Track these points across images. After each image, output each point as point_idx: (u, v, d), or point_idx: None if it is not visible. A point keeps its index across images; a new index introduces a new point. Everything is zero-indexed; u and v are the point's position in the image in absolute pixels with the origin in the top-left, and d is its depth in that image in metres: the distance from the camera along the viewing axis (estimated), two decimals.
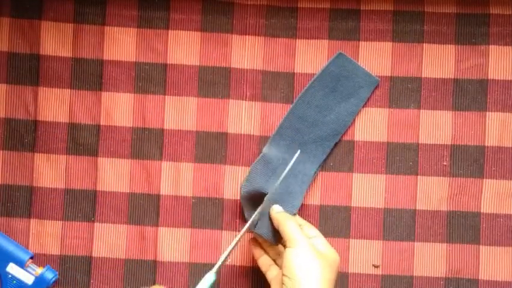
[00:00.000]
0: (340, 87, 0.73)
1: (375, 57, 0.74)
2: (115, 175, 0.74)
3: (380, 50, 0.74)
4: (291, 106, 0.73)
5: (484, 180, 0.73)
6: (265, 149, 0.72)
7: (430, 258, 0.73)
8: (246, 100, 0.74)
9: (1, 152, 0.74)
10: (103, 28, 0.74)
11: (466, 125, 0.74)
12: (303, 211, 0.73)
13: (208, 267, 0.71)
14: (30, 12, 0.74)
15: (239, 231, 0.70)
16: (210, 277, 0.65)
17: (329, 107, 0.73)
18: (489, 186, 0.73)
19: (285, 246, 0.66)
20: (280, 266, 0.67)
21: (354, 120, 0.74)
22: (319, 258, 0.63)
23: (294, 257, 0.63)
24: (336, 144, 0.73)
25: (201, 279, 0.65)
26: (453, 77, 0.74)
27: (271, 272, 0.69)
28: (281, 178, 0.69)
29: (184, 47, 0.74)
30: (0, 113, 0.74)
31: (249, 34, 0.74)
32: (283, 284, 0.63)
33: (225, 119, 0.74)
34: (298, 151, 0.70)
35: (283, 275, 0.63)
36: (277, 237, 0.68)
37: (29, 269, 0.71)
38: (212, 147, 0.74)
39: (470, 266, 0.73)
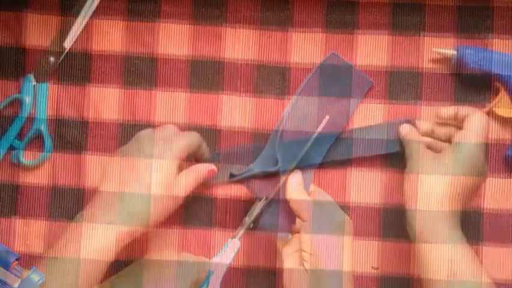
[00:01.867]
0: (333, 89, 0.72)
1: (373, 50, 0.73)
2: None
3: (378, 43, 0.73)
4: (284, 110, 0.72)
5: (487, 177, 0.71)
6: (264, 150, 0.71)
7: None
8: (239, 95, 0.73)
9: None
10: (90, 21, 0.73)
11: None
12: None
13: None
14: (15, 4, 0.73)
15: (234, 229, 0.69)
16: (235, 244, 0.65)
17: (322, 109, 0.72)
18: (492, 183, 0.72)
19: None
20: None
21: (351, 115, 0.72)
22: (335, 228, 0.63)
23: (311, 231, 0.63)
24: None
25: (224, 247, 0.66)
26: (455, 72, 0.72)
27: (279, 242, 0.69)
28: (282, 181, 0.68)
29: (175, 40, 0.73)
30: None
31: (242, 27, 0.73)
32: (303, 259, 0.63)
33: (218, 115, 0.73)
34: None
35: (302, 250, 0.63)
36: (284, 225, 0.68)
37: (14, 272, 0.68)
38: None
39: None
